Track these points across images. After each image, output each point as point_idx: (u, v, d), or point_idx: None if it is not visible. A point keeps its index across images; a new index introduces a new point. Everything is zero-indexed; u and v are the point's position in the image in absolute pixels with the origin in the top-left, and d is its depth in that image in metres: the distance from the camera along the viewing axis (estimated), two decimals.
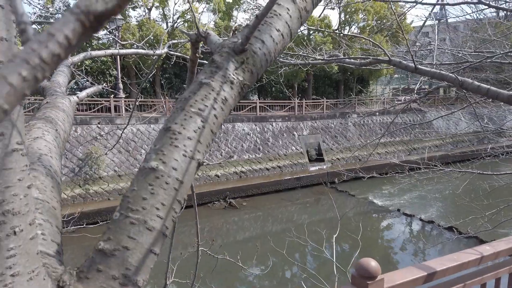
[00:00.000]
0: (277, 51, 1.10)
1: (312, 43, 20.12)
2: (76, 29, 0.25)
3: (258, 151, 21.53)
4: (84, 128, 17.83)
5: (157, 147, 0.88)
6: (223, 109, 0.96)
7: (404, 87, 11.09)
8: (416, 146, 25.62)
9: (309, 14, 1.20)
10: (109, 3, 0.26)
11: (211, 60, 1.01)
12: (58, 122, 1.36)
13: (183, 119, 0.91)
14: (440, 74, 3.32)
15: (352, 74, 29.48)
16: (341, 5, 22.67)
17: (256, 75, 1.05)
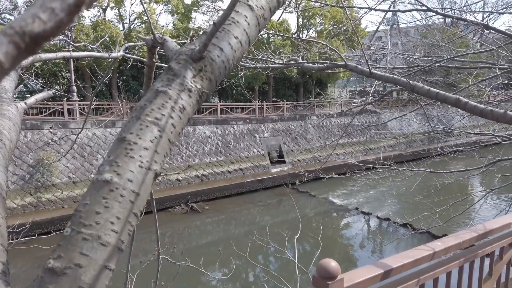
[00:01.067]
0: (235, 58, 1.09)
1: (272, 46, 20.34)
2: (9, 51, 0.23)
3: (220, 154, 21.43)
4: (35, 133, 16.91)
5: (111, 158, 0.84)
6: (181, 117, 0.94)
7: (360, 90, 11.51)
8: (372, 147, 26.58)
9: (267, 22, 1.21)
10: (47, 24, 0.24)
11: (168, 68, 0.99)
12: (3, 132, 1.28)
13: (138, 128, 0.88)
14: (393, 79, 3.46)
15: (311, 77, 30.12)
16: (299, 9, 23.12)
17: (215, 82, 1.04)
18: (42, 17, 0.25)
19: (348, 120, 25.75)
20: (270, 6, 1.19)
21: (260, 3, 1.16)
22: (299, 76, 28.85)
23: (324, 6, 7.49)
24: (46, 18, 0.25)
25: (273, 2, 1.20)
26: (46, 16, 0.25)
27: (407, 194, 15.20)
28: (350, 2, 28.94)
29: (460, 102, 2.91)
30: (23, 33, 0.24)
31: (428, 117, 8.14)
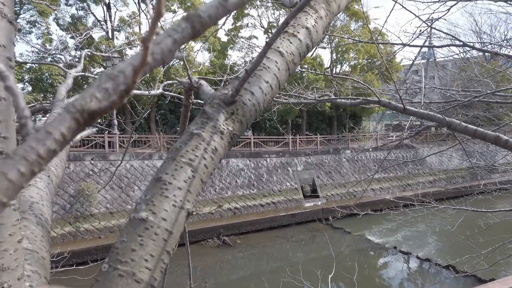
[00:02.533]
0: (266, 101, 1.14)
1: (305, 81, 20.60)
2: (71, 126, 0.28)
3: (253, 187, 21.42)
4: (77, 165, 17.72)
5: (147, 197, 0.89)
6: (213, 158, 0.99)
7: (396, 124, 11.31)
8: (410, 182, 25.66)
9: (297, 66, 1.26)
10: (102, 103, 0.29)
11: (202, 111, 1.05)
12: (51, 168, 1.38)
13: (173, 169, 0.93)
14: (428, 115, 3.40)
15: (344, 111, 30.00)
16: (332, 46, 23.45)
17: (246, 124, 1.09)
18: (98, 96, 0.30)
19: (384, 155, 25.15)
20: (300, 51, 1.25)
21: (290, 49, 1.22)
22: (332, 109, 28.81)
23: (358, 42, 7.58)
24: (101, 97, 0.30)
25: (302, 48, 1.26)
26: (101, 95, 0.30)
27: (449, 234, 14.40)
28: (384, 37, 29.04)
29: (500, 140, 2.81)
30: (82, 110, 0.29)
31: (469, 152, 7.83)
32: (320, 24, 1.32)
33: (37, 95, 20.38)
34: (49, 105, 2.88)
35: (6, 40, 0.72)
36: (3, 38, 0.72)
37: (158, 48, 0.33)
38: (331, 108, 28.25)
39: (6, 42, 0.72)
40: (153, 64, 0.33)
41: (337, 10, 1.44)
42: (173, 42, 0.35)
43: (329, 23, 1.40)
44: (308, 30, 1.28)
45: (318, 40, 1.35)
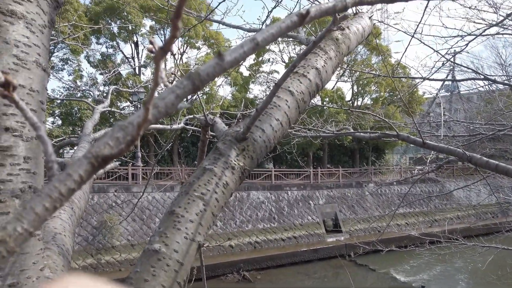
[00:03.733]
0: (276, 138, 1.20)
1: (325, 115, 20.70)
2: (87, 169, 0.34)
3: (273, 221, 21.15)
4: (101, 196, 18.06)
5: (161, 229, 0.94)
6: (224, 193, 1.04)
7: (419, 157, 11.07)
8: (437, 218, 24.77)
9: (307, 104, 1.32)
10: (114, 149, 0.36)
11: (215, 148, 1.11)
12: (74, 200, 1.46)
13: (186, 202, 0.98)
14: (448, 149, 3.37)
15: (367, 143, 29.71)
16: (353, 79, 23.64)
17: (256, 160, 1.15)
18: (111, 144, 0.36)
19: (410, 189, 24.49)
20: (310, 90, 1.31)
21: (300, 88, 1.28)
22: (354, 142, 28.61)
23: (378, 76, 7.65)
24: (113, 144, 0.36)
25: (312, 87, 1.32)
26: (113, 143, 0.36)
27: (479, 273, 13.66)
28: (406, 71, 29.08)
29: None
30: (97, 156, 0.35)
31: (496, 187, 7.57)
32: (329, 65, 1.39)
33: (66, 129, 21.22)
34: (76, 139, 3.03)
35: (39, 86, 0.82)
36: (37, 84, 0.81)
37: (163, 102, 0.40)
38: (352, 141, 28.06)
39: (40, 88, 0.82)
40: (158, 116, 0.40)
41: (347, 51, 1.51)
42: (176, 97, 0.41)
43: (339, 63, 1.47)
44: (318, 70, 1.34)
45: (328, 79, 1.41)
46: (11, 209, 0.73)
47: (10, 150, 0.75)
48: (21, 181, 0.75)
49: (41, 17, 0.86)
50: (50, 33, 0.90)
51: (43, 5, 0.86)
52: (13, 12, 0.80)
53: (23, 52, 0.79)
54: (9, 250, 0.28)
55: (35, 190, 0.78)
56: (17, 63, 0.78)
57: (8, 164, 0.74)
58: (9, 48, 0.77)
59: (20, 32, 0.80)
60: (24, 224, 0.30)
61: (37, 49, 0.83)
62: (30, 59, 0.81)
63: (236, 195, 20.96)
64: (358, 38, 1.64)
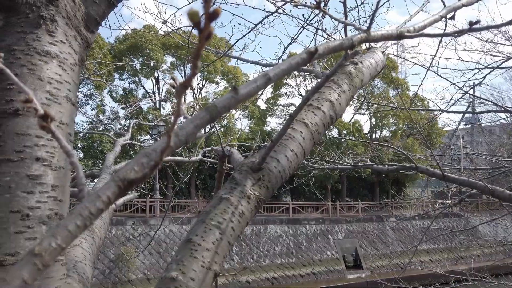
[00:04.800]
0: (291, 168, 1.22)
1: (342, 147, 20.61)
2: (115, 191, 0.38)
3: (291, 256, 20.67)
4: (119, 229, 18.13)
5: (178, 257, 0.97)
6: (240, 222, 1.06)
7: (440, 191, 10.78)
8: (463, 255, 23.71)
9: (321, 135, 1.36)
10: (139, 173, 0.40)
11: (231, 177, 1.15)
12: (95, 230, 1.50)
13: (203, 231, 1.01)
14: (469, 182, 3.30)
15: (387, 176, 29.21)
16: (370, 112, 23.66)
17: (272, 190, 1.17)
18: (136, 169, 0.40)
19: (433, 224, 23.70)
20: (324, 122, 1.35)
21: (314, 120, 1.32)
22: (373, 175, 28.18)
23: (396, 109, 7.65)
24: (138, 169, 0.40)
25: (326, 119, 1.36)
26: (138, 168, 0.40)
27: None
28: (424, 103, 28.95)
29: None
30: (124, 179, 0.39)
31: None
32: (343, 97, 1.43)
33: (88, 161, 21.74)
34: (97, 171, 3.11)
35: (68, 119, 0.88)
36: (66, 118, 0.87)
37: (184, 131, 0.44)
38: (372, 174, 27.65)
39: (69, 121, 0.88)
40: (179, 143, 0.43)
41: (360, 84, 1.55)
42: (195, 127, 0.45)
43: (353, 96, 1.51)
44: (332, 103, 1.38)
45: (342, 112, 1.45)
46: (38, 235, 0.77)
47: (40, 178, 0.80)
48: (49, 208, 0.80)
49: (73, 56, 0.94)
50: (80, 70, 0.98)
51: (75, 45, 0.94)
52: (48, 52, 0.88)
53: (55, 88, 0.86)
54: (44, 263, 0.32)
55: (60, 217, 0.82)
56: (50, 98, 0.85)
57: (37, 192, 0.79)
58: (43, 85, 0.84)
59: (53, 70, 0.88)
60: (58, 240, 0.34)
61: (67, 85, 0.90)
62: (61, 94, 0.88)
63: (253, 228, 20.70)
64: (371, 71, 1.68)
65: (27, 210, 0.76)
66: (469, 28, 0.83)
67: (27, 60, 0.84)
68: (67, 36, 0.91)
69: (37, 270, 0.31)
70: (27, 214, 0.76)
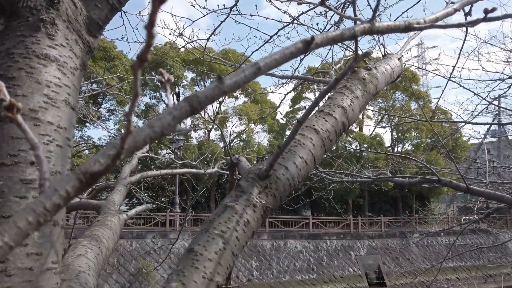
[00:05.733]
0: (301, 176, 1.17)
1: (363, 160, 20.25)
2: (75, 185, 0.35)
3: (312, 272, 20.24)
4: (139, 242, 18.22)
5: (179, 267, 0.92)
6: (245, 231, 1.01)
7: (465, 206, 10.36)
8: (492, 273, 22.65)
9: (333, 143, 1.30)
10: (103, 165, 0.36)
11: (237, 185, 1.10)
12: (103, 240, 1.48)
13: (205, 240, 0.96)
14: (496, 195, 3.15)
15: (410, 191, 28.46)
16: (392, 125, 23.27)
17: (279, 198, 1.12)
18: (101, 161, 0.37)
19: (459, 240, 22.86)
20: (336, 129, 1.29)
21: (325, 127, 1.27)
22: (396, 189, 27.52)
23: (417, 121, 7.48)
24: (103, 161, 0.37)
25: (338, 126, 1.30)
26: (103, 160, 0.37)
27: None
28: (447, 116, 28.29)
29: None
30: (86, 172, 0.36)
31: None
32: (356, 104, 1.37)
33: (109, 176, 22.10)
34: (113, 182, 3.12)
35: (67, 123, 0.86)
36: (65, 122, 0.85)
37: (159, 123, 0.40)
38: (394, 188, 27.03)
39: (67, 125, 0.86)
40: (153, 135, 0.40)
41: (374, 90, 1.50)
42: (173, 118, 0.41)
43: (366, 102, 1.45)
44: (344, 109, 1.33)
45: (355, 119, 1.39)
46: (30, 241, 0.75)
47: (34, 183, 0.78)
48: None
49: (73, 60, 0.93)
50: (81, 75, 0.96)
51: (76, 49, 0.93)
52: (47, 56, 0.87)
53: (54, 91, 0.85)
54: None
55: (55, 223, 0.79)
56: (47, 102, 0.83)
57: (31, 197, 0.77)
58: (41, 88, 0.83)
59: (52, 74, 0.87)
60: (5, 237, 0.30)
61: (67, 89, 0.89)
62: (60, 98, 0.87)
63: (273, 243, 20.44)
64: (387, 78, 1.62)
65: None
66: (484, 17, 0.77)
67: (25, 63, 0.83)
68: (68, 40, 0.90)
69: None
70: None
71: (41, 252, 0.75)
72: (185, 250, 0.97)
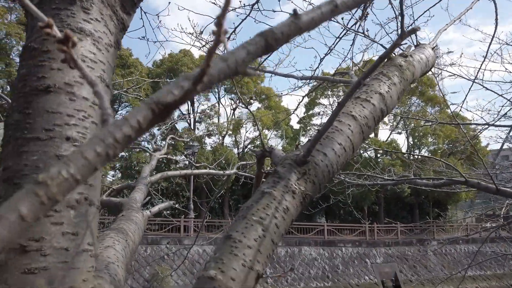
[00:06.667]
0: (339, 164, 1.11)
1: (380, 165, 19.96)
2: (146, 115, 0.30)
3: (327, 279, 19.93)
4: (154, 248, 18.25)
5: (217, 255, 0.87)
6: (284, 218, 0.95)
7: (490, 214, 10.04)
8: None
9: (371, 130, 1.24)
10: (176, 97, 0.31)
11: (274, 171, 1.04)
12: (129, 233, 1.43)
13: (244, 227, 0.91)
14: None
15: (427, 198, 27.91)
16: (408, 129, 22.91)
17: (319, 185, 1.06)
18: (175, 92, 0.32)
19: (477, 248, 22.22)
20: (374, 115, 1.23)
21: (363, 113, 1.20)
22: (412, 196, 27.03)
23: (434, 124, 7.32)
24: (177, 92, 0.32)
25: (376, 112, 1.24)
26: (177, 91, 0.32)
27: None
28: (464, 119, 27.74)
29: None
30: (158, 101, 0.31)
31: None
32: (394, 90, 1.31)
33: (125, 181, 22.33)
34: (133, 182, 3.11)
35: None
36: None
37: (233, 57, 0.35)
38: (411, 195, 26.55)
39: None
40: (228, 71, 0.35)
41: (411, 77, 1.43)
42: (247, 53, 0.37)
43: (404, 90, 1.39)
44: (382, 95, 1.27)
45: (393, 106, 1.32)
46: (66, 220, 0.70)
47: None
48: (78, 191, 0.73)
49: (108, 37, 0.89)
50: (115, 53, 0.93)
51: (110, 25, 0.89)
52: (82, 30, 0.83)
53: (89, 67, 0.81)
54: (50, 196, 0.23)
55: (90, 202, 0.75)
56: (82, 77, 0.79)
57: None
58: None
59: (88, 48, 0.83)
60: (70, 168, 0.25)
61: (102, 65, 0.85)
62: (95, 74, 0.83)
63: (287, 250, 20.23)
64: (422, 66, 1.55)
65: None
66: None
67: None
68: (103, 15, 0.87)
69: (39, 204, 0.23)
70: None
71: (77, 231, 0.70)
72: (222, 237, 0.92)
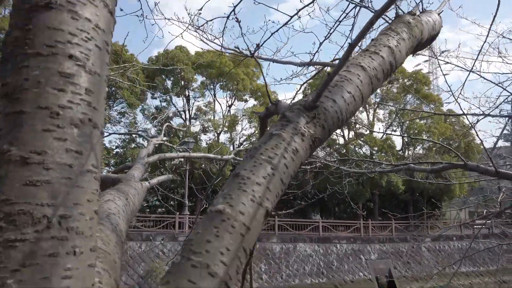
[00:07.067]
0: (348, 112, 1.08)
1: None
2: None
3: (322, 276, 19.97)
4: (148, 245, 18.15)
5: (225, 191, 0.84)
6: (293, 159, 0.92)
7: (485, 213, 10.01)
8: (506, 279, 22.16)
9: (380, 82, 1.21)
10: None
11: (282, 115, 1.01)
12: (129, 195, 1.40)
13: (252, 165, 0.88)
14: None
15: (421, 195, 28.08)
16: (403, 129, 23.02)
17: (328, 131, 1.03)
18: None
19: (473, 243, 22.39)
20: (383, 68, 1.20)
21: (372, 64, 1.18)
22: (407, 193, 27.17)
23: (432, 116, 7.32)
24: None
25: (385, 65, 1.21)
26: None
27: None
28: (460, 119, 27.92)
29: None
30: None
31: None
32: (403, 45, 1.28)
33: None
34: (131, 163, 3.08)
35: (105, 26, 0.79)
36: (103, 23, 0.78)
37: None
38: (405, 192, 26.68)
39: (106, 28, 0.79)
40: None
41: (420, 35, 1.40)
42: None
43: (412, 47, 1.36)
44: (391, 49, 1.24)
45: (402, 61, 1.30)
46: (69, 137, 0.67)
47: (72, 78, 0.70)
48: (82, 111, 0.70)
49: None
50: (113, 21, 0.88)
51: None
52: None
53: None
54: None
55: (94, 125, 0.71)
56: None
57: (69, 91, 0.69)
58: None
59: None
60: None
61: None
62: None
63: (282, 246, 20.24)
64: (430, 28, 1.53)
65: (57, 108, 0.66)
66: None
67: None
68: None
69: None
70: (57, 112, 0.66)
71: (81, 150, 0.67)
72: (230, 175, 0.89)
